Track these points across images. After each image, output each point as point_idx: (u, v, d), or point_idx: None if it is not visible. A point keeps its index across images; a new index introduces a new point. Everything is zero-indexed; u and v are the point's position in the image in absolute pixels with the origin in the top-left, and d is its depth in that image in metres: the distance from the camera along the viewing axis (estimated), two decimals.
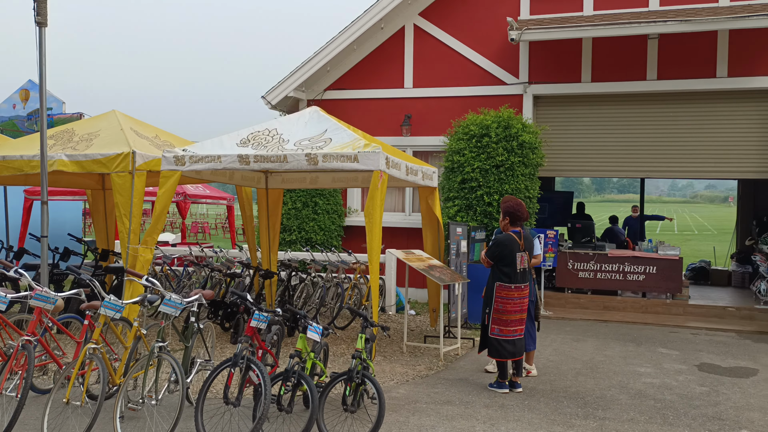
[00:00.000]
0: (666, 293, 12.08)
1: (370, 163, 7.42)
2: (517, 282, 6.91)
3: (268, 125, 8.64)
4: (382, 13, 12.78)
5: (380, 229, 7.54)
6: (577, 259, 12.48)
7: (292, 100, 13.76)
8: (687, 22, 10.71)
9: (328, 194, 13.15)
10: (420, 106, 13.11)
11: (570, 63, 12.25)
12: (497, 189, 11.19)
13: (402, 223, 13.07)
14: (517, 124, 11.36)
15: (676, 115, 12.00)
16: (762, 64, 11.30)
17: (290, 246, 12.89)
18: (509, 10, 12.51)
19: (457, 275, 8.83)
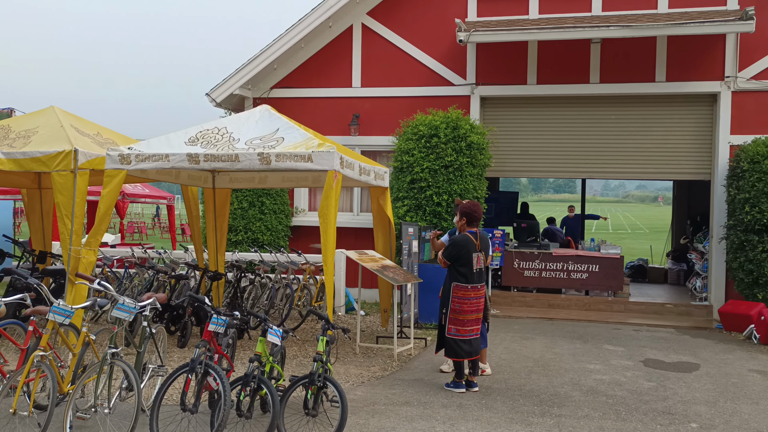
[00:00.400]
0: (608, 291, 12.42)
1: (325, 163, 7.34)
2: (474, 282, 6.96)
3: (218, 123, 8.44)
4: (330, 11, 12.68)
5: (335, 229, 7.47)
6: (522, 258, 12.69)
7: (238, 98, 13.51)
8: (628, 27, 11.03)
9: (275, 194, 12.97)
10: (368, 105, 13.07)
11: (516, 65, 12.44)
12: (446, 189, 11.26)
13: (350, 223, 13.00)
14: (466, 125, 11.46)
15: (618, 118, 12.34)
16: (698, 70, 11.74)
17: (236, 246, 12.65)
18: (457, 12, 12.61)
19: (411, 275, 8.84)
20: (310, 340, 9.36)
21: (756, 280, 10.58)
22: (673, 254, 16.26)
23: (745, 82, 11.52)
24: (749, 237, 10.57)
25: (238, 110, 13.86)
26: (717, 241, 11.66)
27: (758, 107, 11.50)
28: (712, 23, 10.77)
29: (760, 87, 11.47)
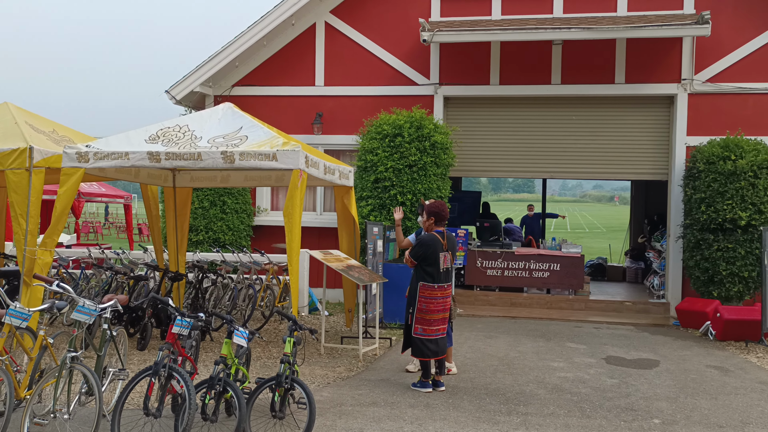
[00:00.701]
0: (569, 289, 12.59)
1: (290, 161, 7.25)
2: (441, 282, 6.95)
3: (179, 121, 8.27)
4: (292, 9, 12.56)
5: (299, 229, 7.38)
6: (485, 258, 12.77)
7: (198, 96, 13.29)
8: (588, 29, 11.19)
9: (236, 193, 12.79)
10: (332, 104, 12.99)
11: (479, 65, 12.51)
12: (410, 189, 11.26)
13: (314, 222, 12.91)
14: (429, 125, 11.47)
15: (579, 119, 12.51)
16: (656, 72, 11.97)
17: (197, 246, 12.44)
18: (420, 12, 12.62)
19: (376, 275, 8.81)
20: (274, 341, 9.25)
21: (711, 278, 10.84)
22: (631, 253, 16.57)
23: (701, 84, 11.79)
24: (705, 236, 10.82)
25: (199, 108, 13.63)
26: (674, 240, 11.91)
27: (713, 109, 11.79)
28: (669, 27, 11.01)
29: (715, 89, 11.75)
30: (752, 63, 11.63)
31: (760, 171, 10.53)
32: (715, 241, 10.70)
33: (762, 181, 10.49)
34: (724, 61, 11.71)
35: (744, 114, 11.66)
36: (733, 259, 10.58)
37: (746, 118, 11.64)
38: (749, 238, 10.53)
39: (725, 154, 10.67)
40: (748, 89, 11.63)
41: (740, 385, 7.41)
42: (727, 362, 8.52)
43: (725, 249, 10.61)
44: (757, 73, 11.63)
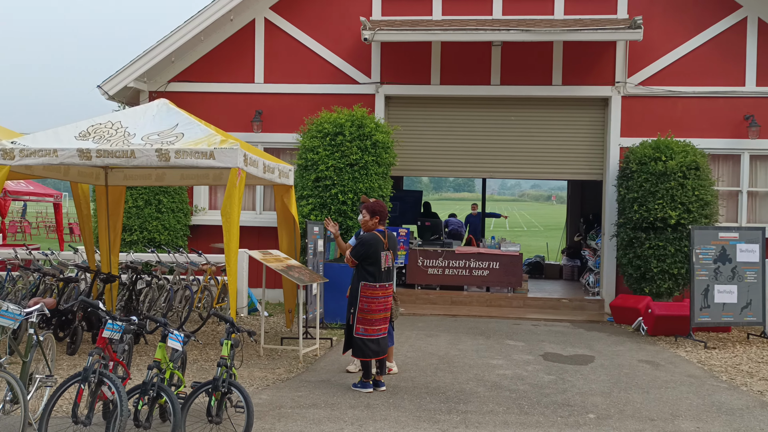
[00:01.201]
0: (508, 287, 12.77)
1: (228, 160, 7.10)
2: (382, 281, 6.93)
3: (111, 117, 8.01)
4: (231, 4, 12.31)
5: (238, 228, 7.25)
6: (426, 256, 12.84)
7: (132, 91, 12.89)
8: (527, 32, 11.37)
9: (173, 192, 12.46)
10: (271, 102, 12.81)
11: (420, 65, 12.56)
12: (352, 188, 11.20)
13: (253, 221, 12.71)
14: (371, 124, 11.44)
15: (517, 119, 12.71)
16: (591, 75, 12.27)
17: (131, 247, 12.06)
18: (361, 10, 12.58)
19: (316, 275, 8.72)
20: (212, 344, 9.05)
21: (643, 275, 11.17)
22: (567, 251, 16.95)
23: (634, 87, 12.14)
24: (637, 234, 11.15)
25: (133, 104, 13.22)
26: (608, 238, 12.23)
27: (645, 111, 12.16)
28: (603, 30, 11.29)
29: (647, 92, 12.12)
30: (681, 67, 12.05)
31: (688, 172, 10.91)
32: (647, 239, 11.03)
33: (690, 182, 10.88)
34: (655, 65, 12.09)
35: (674, 116, 12.08)
36: (663, 256, 10.94)
37: (676, 120, 12.06)
38: (678, 237, 10.90)
39: (656, 155, 11.02)
40: (677, 92, 12.05)
41: (670, 378, 7.65)
42: (657, 357, 8.79)
43: (656, 247, 10.96)
44: (686, 77, 12.05)
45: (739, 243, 9.84)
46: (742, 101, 11.95)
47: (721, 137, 12.01)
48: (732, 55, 11.96)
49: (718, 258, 9.78)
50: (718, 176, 12.10)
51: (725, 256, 9.79)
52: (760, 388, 7.35)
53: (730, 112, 11.98)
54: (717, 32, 11.96)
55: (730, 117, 11.98)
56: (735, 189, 12.19)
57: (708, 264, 9.76)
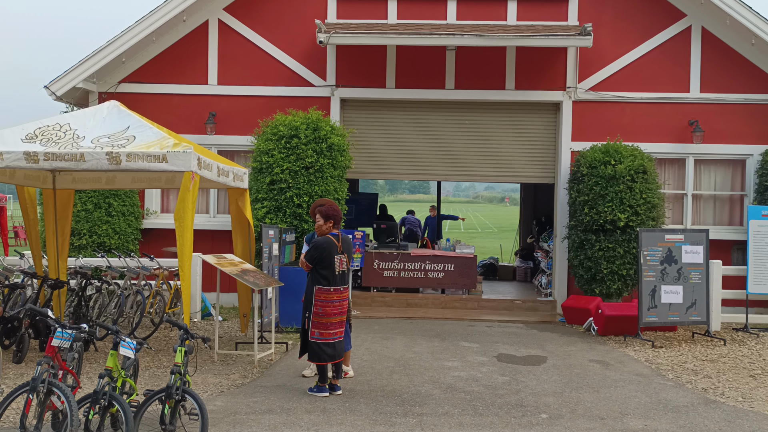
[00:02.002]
0: (462, 289, 12.90)
1: (181, 163, 7.02)
2: (336, 285, 6.93)
3: (59, 119, 7.83)
4: (184, 4, 12.13)
5: (191, 233, 7.17)
6: (382, 259, 12.88)
7: (81, 92, 12.60)
8: (480, 37, 11.52)
9: (123, 195, 12.21)
10: (225, 104, 12.68)
11: (375, 68, 12.60)
12: (307, 191, 11.17)
13: (207, 225, 12.55)
14: (326, 127, 11.43)
15: (472, 123, 12.86)
16: (543, 80, 12.49)
17: (80, 251, 11.76)
18: (316, 12, 12.55)
19: (272, 279, 8.67)
20: (165, 350, 8.91)
21: (594, 276, 11.43)
22: (521, 253, 17.22)
23: (584, 92, 12.42)
24: (588, 236, 11.40)
25: (82, 105, 12.93)
26: (560, 240, 12.47)
27: (595, 116, 12.45)
28: (555, 37, 11.52)
29: (597, 98, 12.41)
30: (629, 74, 12.37)
31: (636, 175, 11.21)
32: (597, 241, 11.29)
33: (638, 185, 11.17)
34: (605, 71, 12.39)
35: (622, 121, 12.39)
36: (613, 258, 11.21)
37: (624, 125, 12.37)
38: (627, 238, 11.18)
39: (606, 159, 11.29)
40: (625, 98, 12.36)
41: (619, 377, 7.85)
42: (607, 356, 9.01)
43: (606, 249, 11.22)
44: (634, 83, 12.38)
45: (685, 245, 10.16)
46: (687, 107, 12.34)
47: (667, 142, 12.37)
48: (678, 62, 12.34)
49: (664, 259, 10.08)
50: (664, 180, 12.46)
51: (671, 258, 10.10)
52: (704, 385, 7.60)
53: (675, 118, 12.36)
54: (663, 40, 12.33)
55: (676, 122, 12.35)
56: (680, 192, 12.57)
57: (655, 265, 10.05)
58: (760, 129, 12.25)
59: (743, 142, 12.29)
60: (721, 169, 12.61)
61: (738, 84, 12.26)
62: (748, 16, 11.65)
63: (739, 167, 12.54)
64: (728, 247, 12.31)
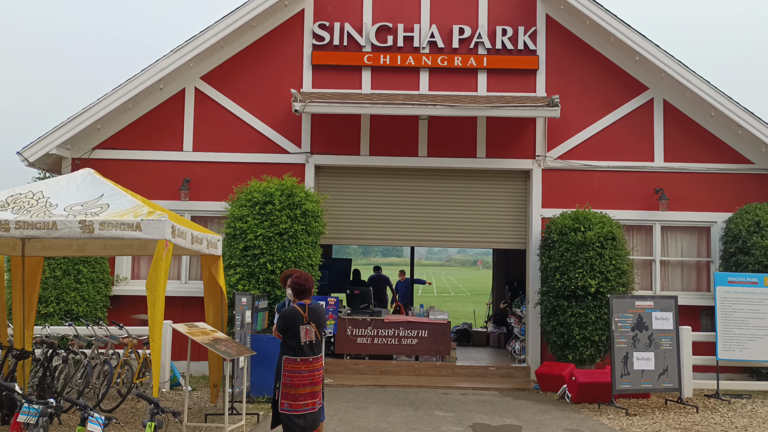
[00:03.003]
0: (437, 356, 12.82)
1: (155, 232, 7.00)
2: (304, 355, 6.83)
3: (32, 187, 7.81)
4: (161, 73, 12.33)
5: (163, 301, 7.09)
6: (355, 325, 12.79)
7: (55, 158, 12.58)
8: (452, 107, 11.85)
9: (93, 261, 12.05)
10: (200, 170, 12.74)
11: (350, 136, 12.83)
12: (281, 257, 11.15)
13: (178, 291, 12.40)
14: (301, 193, 11.52)
15: (444, 190, 13.06)
16: (514, 148, 12.82)
17: (46, 319, 11.49)
18: (292, 82, 12.83)
19: (244, 348, 8.55)
20: (132, 422, 8.65)
21: (567, 342, 11.47)
22: (494, 318, 17.23)
23: (553, 161, 12.74)
24: (560, 302, 11.50)
25: (55, 171, 12.91)
26: (533, 306, 12.55)
27: (564, 184, 12.74)
28: (524, 107, 11.89)
29: (565, 166, 12.74)
30: (596, 143, 12.76)
31: (606, 242, 11.42)
32: (569, 307, 11.39)
33: (608, 251, 11.37)
34: (572, 140, 12.76)
35: (591, 189, 12.70)
36: (585, 324, 11.29)
37: (593, 192, 12.68)
38: (598, 304, 11.30)
39: (576, 226, 11.51)
40: (593, 166, 12.71)
41: None
42: (582, 425, 8.96)
43: (578, 314, 11.31)
44: (601, 152, 12.76)
45: (654, 311, 10.29)
46: (652, 175, 12.71)
47: (634, 209, 12.68)
48: (642, 133, 12.78)
49: (635, 326, 10.17)
50: (633, 246, 12.70)
51: (642, 324, 10.20)
52: None
53: (641, 186, 12.70)
54: (627, 111, 12.79)
55: (642, 190, 12.69)
56: (648, 258, 12.81)
57: (626, 332, 10.13)
58: (722, 197, 12.64)
59: (707, 210, 12.65)
60: (687, 235, 12.91)
61: (700, 154, 12.71)
62: (707, 90, 12.19)
63: (704, 234, 12.86)
64: (697, 313, 12.49)
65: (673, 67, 12.25)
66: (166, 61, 12.31)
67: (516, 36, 12.85)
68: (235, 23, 12.40)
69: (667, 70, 12.26)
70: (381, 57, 12.85)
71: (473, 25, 12.89)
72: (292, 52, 12.96)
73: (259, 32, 12.91)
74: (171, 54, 12.33)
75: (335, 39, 12.88)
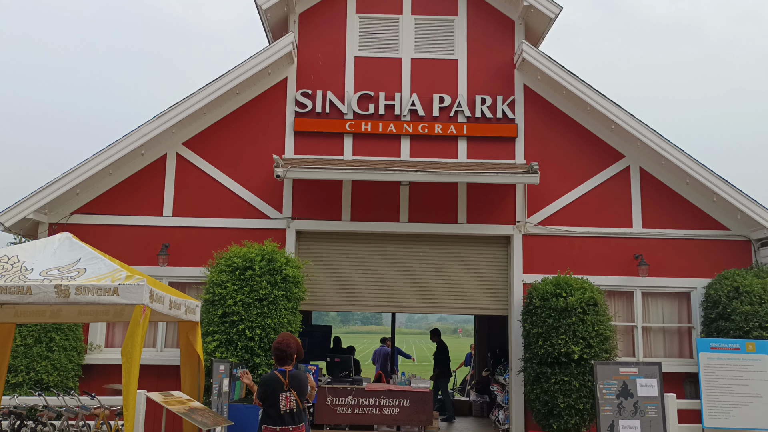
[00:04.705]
0: (419, 425, 12.50)
1: (133, 296, 6.85)
2: (284, 424, 6.65)
3: (8, 251, 7.65)
4: (143, 139, 12.34)
5: (138, 369, 6.88)
6: (335, 394, 12.48)
7: (31, 223, 12.40)
8: (433, 173, 11.96)
9: (66, 328, 11.71)
10: (179, 235, 12.62)
11: (331, 202, 12.85)
12: (260, 323, 10.95)
13: (153, 360, 12.06)
14: (281, 258, 11.42)
15: (426, 255, 13.04)
16: (494, 214, 12.90)
17: (15, 389, 11.07)
18: (274, 147, 12.91)
19: (221, 418, 8.27)
20: None
21: (551, 411, 11.26)
22: (476, 386, 16.94)
23: (533, 227, 12.83)
24: (543, 369, 11.35)
25: (31, 236, 12.71)
26: (516, 373, 12.37)
27: (544, 249, 12.80)
28: (504, 174, 12.03)
29: (545, 232, 12.83)
30: (575, 209, 12.91)
31: (588, 307, 11.38)
32: (553, 374, 11.23)
33: (590, 317, 11.32)
34: (552, 206, 12.89)
35: (571, 254, 12.75)
36: (569, 391, 11.12)
37: (573, 258, 12.73)
38: (582, 371, 11.16)
39: (557, 292, 11.48)
40: (573, 232, 12.81)
41: None
42: None
43: (562, 382, 11.15)
44: (580, 218, 12.88)
45: (639, 378, 10.18)
46: (631, 241, 12.83)
47: (615, 275, 12.72)
48: (620, 200, 12.96)
49: (620, 393, 10.04)
50: (614, 312, 12.69)
51: (627, 391, 10.07)
52: None
53: (621, 252, 12.79)
54: (605, 178, 13.01)
55: (622, 256, 12.78)
56: (630, 324, 12.78)
57: (611, 399, 9.99)
58: (701, 263, 12.75)
59: (687, 276, 12.73)
60: (668, 301, 12.94)
61: (678, 220, 12.89)
62: (681, 158, 12.47)
63: (684, 300, 12.90)
64: (680, 380, 12.39)
65: (647, 136, 12.55)
66: (149, 127, 12.35)
67: (495, 105, 13.14)
68: (219, 90, 12.56)
69: (642, 138, 12.56)
70: (362, 124, 13.03)
71: (453, 94, 13.18)
72: (275, 119, 13.10)
73: (243, 99, 13.07)
74: (153, 120, 12.39)
75: (317, 106, 13.07)
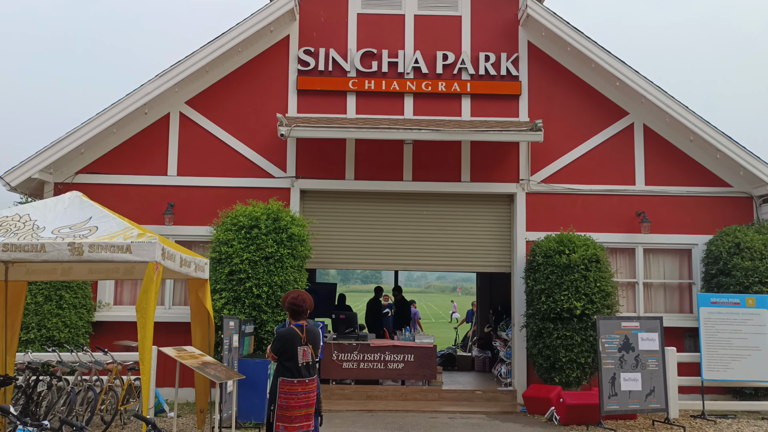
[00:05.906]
0: (423, 380, 12.77)
1: (145, 254, 6.94)
2: (301, 376, 6.81)
3: (19, 210, 7.72)
4: (146, 98, 12.30)
5: (152, 324, 7.01)
6: (341, 350, 12.71)
7: (37, 183, 12.44)
8: (436, 131, 11.97)
9: (75, 286, 11.87)
10: (184, 194, 12.68)
11: (335, 161, 12.88)
12: (266, 281, 11.10)
13: (162, 317, 12.22)
14: (287, 217, 11.51)
15: (429, 214, 13.13)
16: (498, 172, 12.95)
17: (27, 346, 11.28)
18: (277, 106, 12.88)
19: (233, 372, 8.46)
20: None
21: (553, 365, 11.50)
22: (479, 342, 17.21)
23: (536, 185, 12.89)
24: (546, 325, 11.55)
25: (37, 195, 12.77)
26: (518, 329, 12.58)
27: (547, 207, 12.88)
28: (508, 132, 12.04)
29: (549, 189, 12.89)
30: (579, 167, 12.95)
31: (590, 264, 11.52)
32: (555, 329, 11.44)
33: (592, 273, 11.47)
34: (555, 164, 12.93)
35: (574, 212, 12.85)
36: (571, 346, 11.34)
37: (576, 215, 12.82)
38: (584, 326, 11.36)
39: (560, 249, 11.61)
40: (576, 190, 12.88)
41: None
42: None
43: (564, 337, 11.36)
44: (583, 176, 12.93)
45: (640, 332, 10.38)
46: (634, 199, 12.91)
47: (617, 232, 12.83)
48: (623, 157, 12.99)
49: (622, 347, 10.25)
50: (616, 268, 12.84)
51: (628, 345, 10.28)
52: None
53: (624, 209, 12.88)
54: (609, 135, 13.02)
55: (624, 213, 12.87)
56: (632, 280, 12.94)
57: (613, 353, 10.20)
58: (703, 220, 12.86)
59: (688, 232, 12.84)
60: (669, 258, 13.08)
61: (680, 177, 12.94)
62: (686, 114, 12.46)
63: (686, 256, 13.04)
64: (680, 334, 12.62)
65: (652, 93, 12.52)
66: (151, 86, 12.30)
67: (499, 62, 13.07)
68: (221, 48, 12.47)
69: (646, 95, 12.53)
70: (366, 82, 12.98)
71: (456, 51, 13.09)
72: (278, 78, 13.03)
73: (245, 57, 12.99)
74: (156, 78, 12.33)
75: (320, 64, 13.00)
